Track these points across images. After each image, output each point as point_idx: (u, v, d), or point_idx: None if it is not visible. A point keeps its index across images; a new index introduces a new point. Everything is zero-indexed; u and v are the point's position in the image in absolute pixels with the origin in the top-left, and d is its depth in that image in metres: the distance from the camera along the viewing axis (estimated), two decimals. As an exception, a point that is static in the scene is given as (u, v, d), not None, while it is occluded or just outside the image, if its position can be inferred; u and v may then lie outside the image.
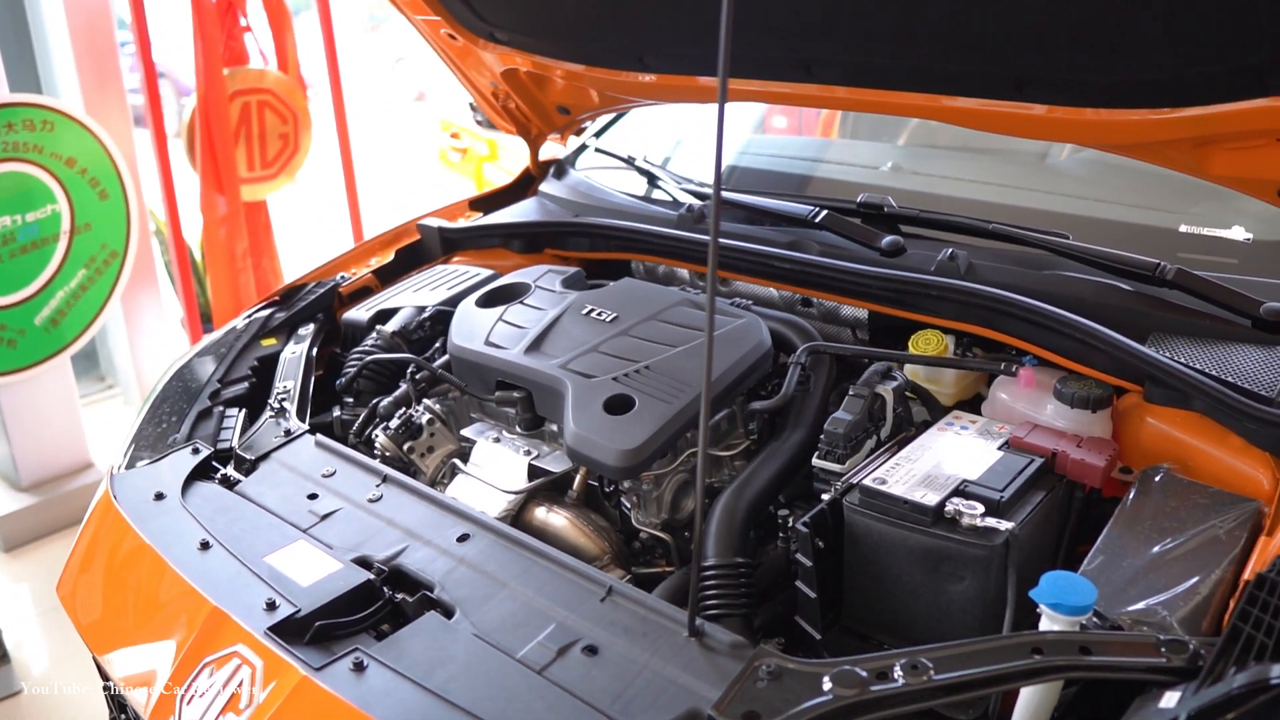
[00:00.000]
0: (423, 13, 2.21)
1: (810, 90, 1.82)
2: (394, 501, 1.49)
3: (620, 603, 1.23)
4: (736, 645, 1.14)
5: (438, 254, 2.39)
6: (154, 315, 4.23)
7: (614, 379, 1.58)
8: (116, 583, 1.47)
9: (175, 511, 1.51)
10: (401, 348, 1.95)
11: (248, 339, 2.03)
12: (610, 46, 2.07)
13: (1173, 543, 1.23)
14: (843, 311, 1.94)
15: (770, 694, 1.07)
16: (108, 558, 1.51)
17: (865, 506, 1.33)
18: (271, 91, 3.91)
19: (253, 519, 1.48)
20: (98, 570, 1.52)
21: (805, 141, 3.03)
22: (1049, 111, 1.54)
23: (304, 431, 1.70)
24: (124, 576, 1.46)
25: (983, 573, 1.24)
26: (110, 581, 1.49)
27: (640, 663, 1.14)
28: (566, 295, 1.87)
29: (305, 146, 4.11)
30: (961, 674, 1.04)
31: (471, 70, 2.42)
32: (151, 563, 1.40)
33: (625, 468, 1.44)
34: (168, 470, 1.63)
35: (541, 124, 2.54)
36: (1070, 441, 1.40)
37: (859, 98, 1.77)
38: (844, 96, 1.80)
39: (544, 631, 1.20)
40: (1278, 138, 1.41)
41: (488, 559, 1.34)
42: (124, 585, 1.45)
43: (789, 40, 1.74)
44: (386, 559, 1.36)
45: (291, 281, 2.24)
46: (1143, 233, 1.90)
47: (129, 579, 1.44)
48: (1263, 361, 1.46)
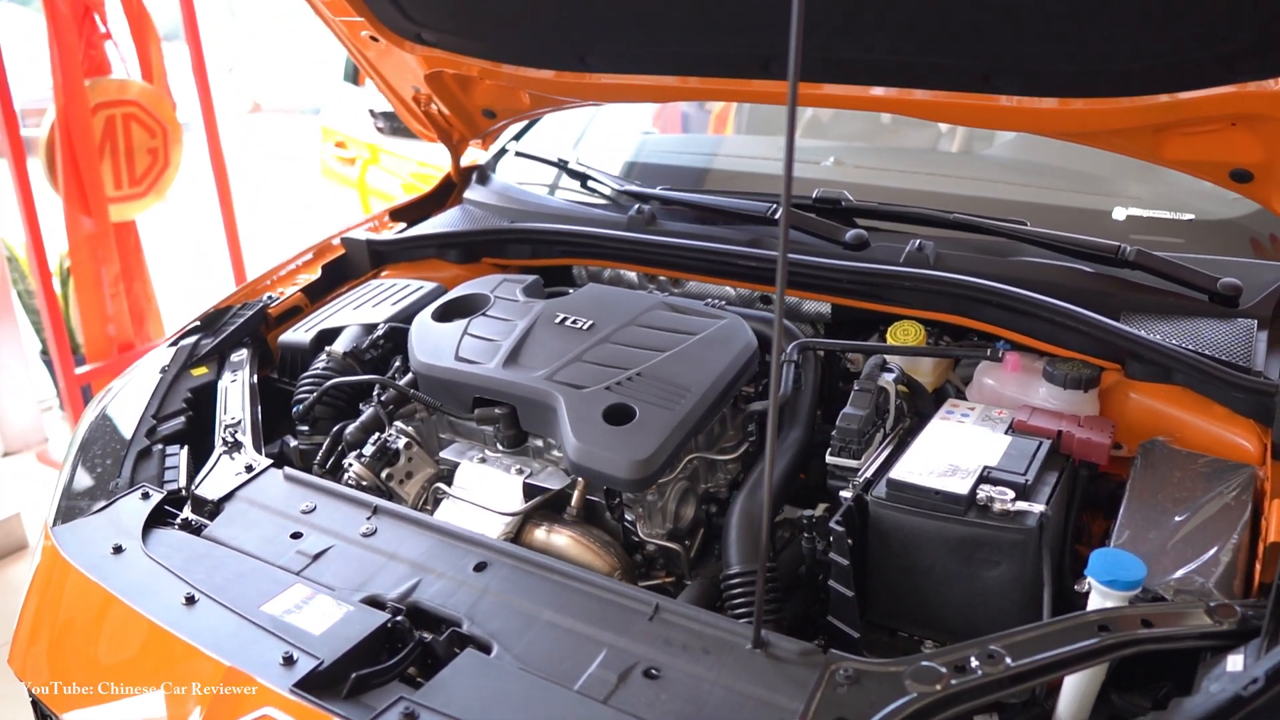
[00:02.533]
0: (343, 13, 2.08)
1: (768, 87, 1.81)
2: (391, 533, 1.39)
3: (670, 620, 1.18)
4: (806, 652, 1.11)
5: (366, 268, 2.26)
6: (9, 352, 3.85)
7: (607, 388, 1.52)
8: (87, 647, 1.31)
9: (142, 564, 1.35)
10: (355, 369, 1.83)
11: (176, 369, 1.86)
12: (550, 46, 2.01)
13: (1188, 512, 1.28)
14: (804, 307, 1.94)
15: (854, 699, 1.04)
16: (70, 620, 1.34)
17: (893, 500, 1.32)
18: (137, 103, 3.63)
19: (234, 566, 1.35)
20: (60, 636, 1.35)
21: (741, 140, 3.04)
22: (1017, 102, 1.58)
23: (268, 465, 1.56)
24: (96, 640, 1.30)
25: (1019, 556, 1.25)
26: (79, 647, 1.32)
27: (708, 680, 1.09)
28: (532, 304, 1.80)
29: (176, 161, 3.83)
30: (1037, 659, 1.05)
31: (391, 74, 2.30)
32: (131, 622, 1.25)
33: (639, 479, 1.39)
34: (117, 520, 1.47)
35: (465, 129, 2.45)
36: (1070, 422, 1.44)
37: (820, 93, 1.77)
38: (803, 92, 1.79)
39: (596, 659, 1.13)
40: (1233, 122, 1.49)
41: (513, 586, 1.26)
42: (98, 649, 1.29)
43: (748, 36, 1.73)
44: (400, 596, 1.26)
45: (215, 304, 2.07)
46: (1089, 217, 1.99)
47: (104, 642, 1.28)
48: (1225, 333, 1.55)
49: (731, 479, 1.61)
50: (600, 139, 2.82)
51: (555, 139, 2.77)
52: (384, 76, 2.32)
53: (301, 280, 2.16)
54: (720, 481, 1.60)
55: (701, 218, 2.09)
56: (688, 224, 2.09)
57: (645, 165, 2.70)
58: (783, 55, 1.73)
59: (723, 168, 2.68)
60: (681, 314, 1.72)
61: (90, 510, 1.51)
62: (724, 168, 2.68)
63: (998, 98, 1.60)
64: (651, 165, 2.70)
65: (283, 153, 9.28)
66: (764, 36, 1.72)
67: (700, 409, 1.48)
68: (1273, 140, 1.46)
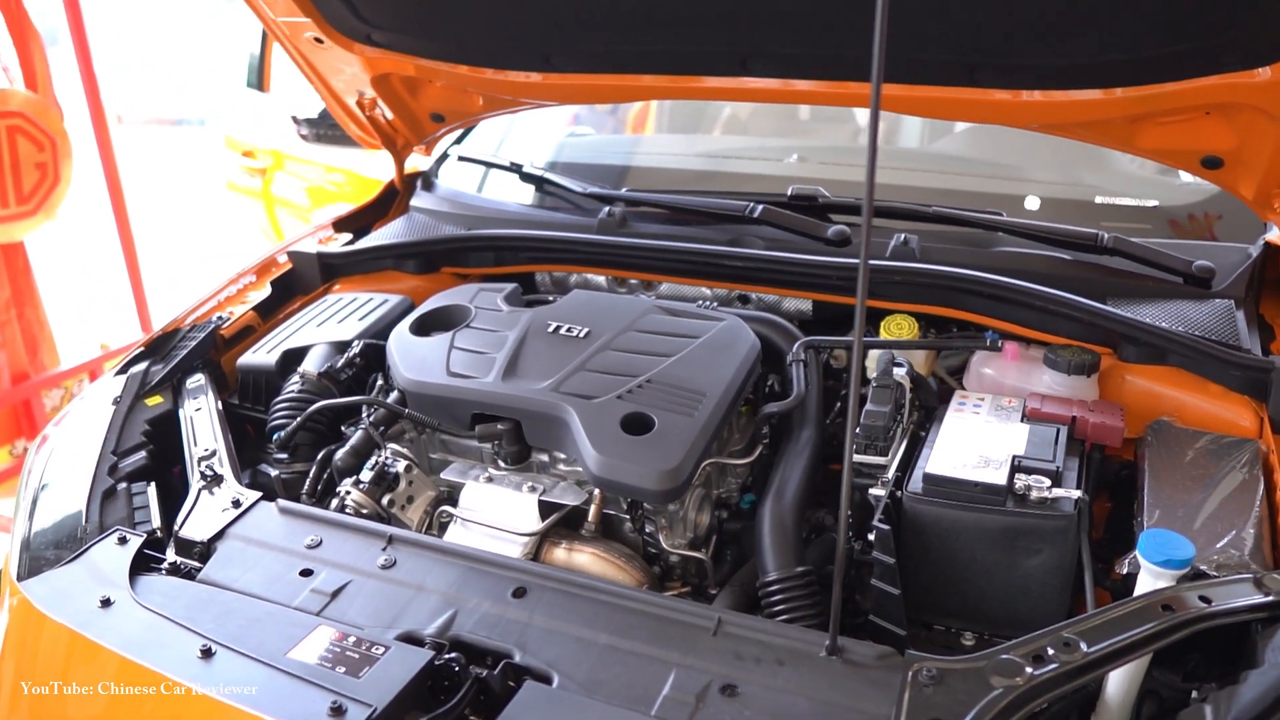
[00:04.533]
0: (288, 14, 1.96)
1: (746, 84, 1.79)
2: (413, 563, 1.30)
3: (735, 633, 1.15)
4: (883, 655, 1.09)
5: (317, 283, 2.14)
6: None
7: (618, 397, 1.47)
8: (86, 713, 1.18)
9: (139, 616, 1.23)
10: (332, 390, 1.72)
11: (130, 400, 1.72)
12: (513, 46, 1.94)
13: (1208, 489, 1.32)
14: (784, 305, 1.94)
15: (942, 698, 1.03)
16: (59, 684, 1.21)
17: (930, 494, 1.32)
18: (22, 114, 3.35)
19: (245, 611, 1.24)
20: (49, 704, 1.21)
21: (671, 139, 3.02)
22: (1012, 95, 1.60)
23: (258, 499, 1.45)
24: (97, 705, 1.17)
25: (1060, 542, 1.27)
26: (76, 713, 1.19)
27: (789, 692, 1.06)
28: (518, 314, 1.73)
29: (66, 177, 3.56)
30: (1110, 643, 1.06)
31: (333, 78, 2.18)
32: (141, 681, 1.13)
33: (669, 489, 1.34)
34: (94, 569, 1.34)
35: (410, 134, 2.35)
36: (1080, 407, 1.47)
37: (799, 89, 1.77)
38: (779, 89, 1.79)
39: (667, 681, 1.09)
40: (1207, 111, 1.55)
41: (560, 611, 1.20)
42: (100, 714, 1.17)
43: (727, 34, 1.71)
44: (439, 631, 1.19)
45: (162, 328, 1.92)
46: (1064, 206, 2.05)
47: (109, 706, 1.16)
48: (1206, 313, 1.61)
49: (741, 483, 1.58)
50: (522, 140, 2.75)
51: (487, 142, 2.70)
52: (325, 80, 2.20)
53: (252, 298, 2.03)
54: (730, 487, 1.57)
55: (675, 218, 2.06)
56: (661, 225, 2.05)
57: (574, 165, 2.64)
58: (762, 52, 1.72)
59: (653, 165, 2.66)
60: (678, 317, 1.68)
61: (61, 560, 1.37)
62: (654, 165, 2.65)
63: (984, 92, 1.62)
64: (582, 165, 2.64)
65: (164, 168, 8.73)
66: (743, 33, 1.70)
67: (718, 414, 1.44)
68: (1246, 128, 1.52)
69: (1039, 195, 2.15)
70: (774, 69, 1.74)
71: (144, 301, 4.03)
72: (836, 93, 1.74)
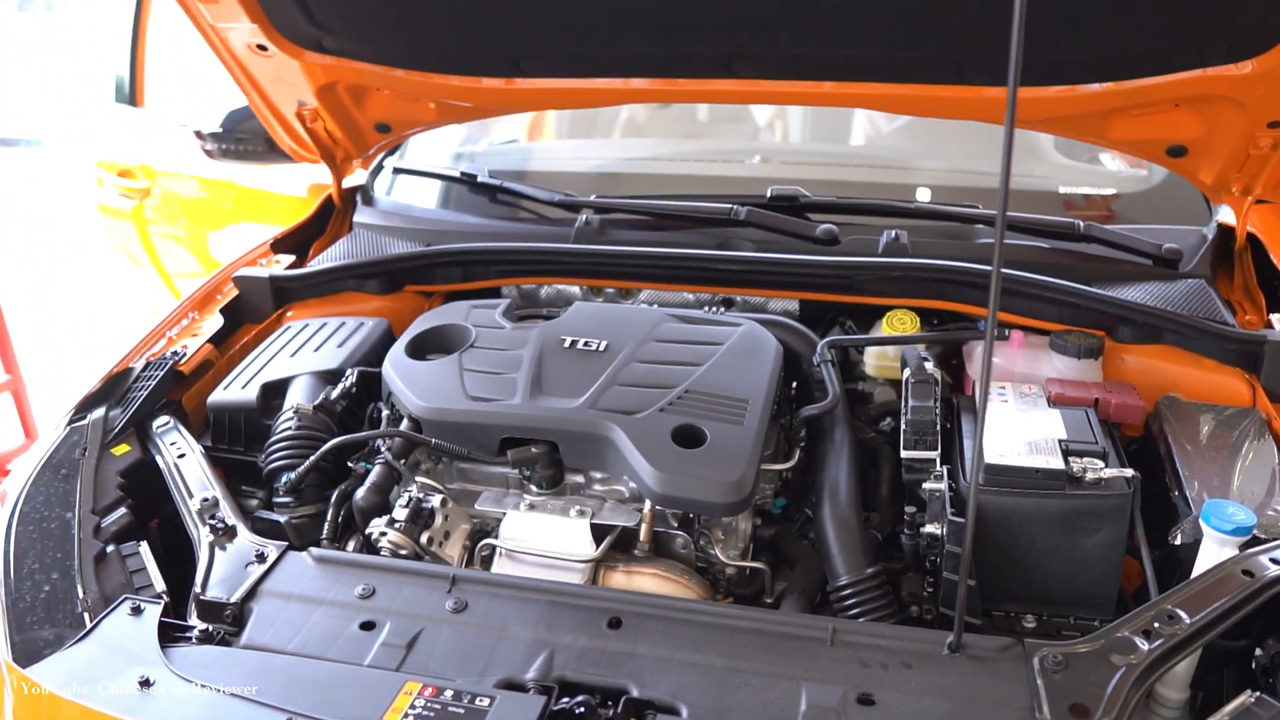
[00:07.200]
0: (229, 19, 1.81)
1: (730, 87, 1.78)
2: (487, 605, 1.22)
3: (851, 640, 1.13)
4: (1006, 647, 1.10)
5: (269, 310, 1.99)
6: None
7: (661, 410, 1.43)
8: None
9: (192, 695, 1.10)
10: (330, 424, 1.60)
11: (97, 452, 1.54)
12: (479, 51, 1.86)
13: (1230, 457, 1.41)
14: (770, 306, 1.94)
15: (1073, 682, 1.05)
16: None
17: (992, 484, 1.34)
18: None
19: (312, 676, 1.13)
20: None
21: (584, 143, 2.97)
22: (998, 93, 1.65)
23: (285, 548, 1.33)
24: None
25: (1119, 519, 1.32)
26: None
27: (923, 695, 1.06)
28: (524, 330, 1.65)
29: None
30: (1208, 611, 1.11)
31: (275, 87, 2.02)
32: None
33: (736, 501, 1.32)
34: (114, 645, 1.19)
35: (352, 146, 2.21)
36: (1098, 389, 1.54)
37: (785, 90, 1.77)
38: (767, 90, 1.79)
39: (801, 698, 1.06)
40: (1176, 103, 1.65)
41: (664, 638, 1.15)
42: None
43: (712, 35, 1.69)
44: (540, 674, 1.11)
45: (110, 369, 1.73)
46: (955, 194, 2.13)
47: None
48: (1183, 292, 1.72)
49: (774, 489, 1.57)
50: (446, 151, 2.66)
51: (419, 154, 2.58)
52: (261, 90, 2.04)
53: (205, 329, 1.86)
54: (765, 493, 1.56)
55: (654, 224, 2.03)
56: (639, 232, 2.01)
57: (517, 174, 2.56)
58: (750, 55, 1.72)
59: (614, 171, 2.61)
60: (693, 324, 1.65)
61: (65, 640, 1.21)
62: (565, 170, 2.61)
63: (971, 89, 1.67)
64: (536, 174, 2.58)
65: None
66: (730, 35, 1.69)
67: (765, 419, 1.43)
68: (1215, 118, 1.63)
69: (928, 186, 2.23)
70: (761, 70, 1.74)
71: (7, 341, 3.65)
72: (825, 93, 1.75)
